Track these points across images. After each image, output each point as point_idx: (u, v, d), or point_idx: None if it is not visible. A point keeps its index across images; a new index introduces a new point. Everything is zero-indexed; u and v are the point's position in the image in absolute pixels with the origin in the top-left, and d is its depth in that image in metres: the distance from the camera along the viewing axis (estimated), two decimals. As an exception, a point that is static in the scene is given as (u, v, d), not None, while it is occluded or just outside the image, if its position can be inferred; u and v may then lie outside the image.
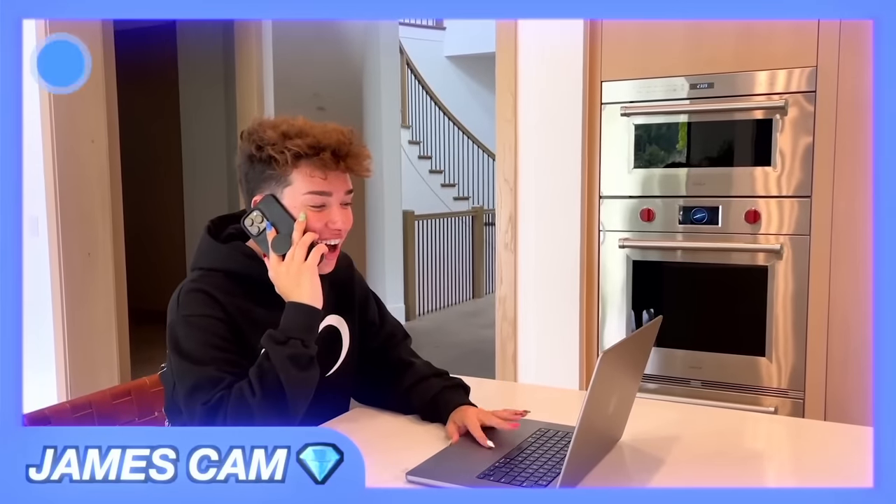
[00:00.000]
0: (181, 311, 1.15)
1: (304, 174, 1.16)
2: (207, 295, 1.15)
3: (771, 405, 2.14)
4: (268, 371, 1.09)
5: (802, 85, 2.05)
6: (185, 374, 1.12)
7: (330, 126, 1.19)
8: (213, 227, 1.28)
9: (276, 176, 1.18)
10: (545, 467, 1.07)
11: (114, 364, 3.68)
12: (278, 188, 1.18)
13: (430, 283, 6.81)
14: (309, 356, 1.13)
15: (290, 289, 1.15)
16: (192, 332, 1.13)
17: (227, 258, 1.21)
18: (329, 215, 1.19)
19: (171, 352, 1.15)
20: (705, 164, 2.19)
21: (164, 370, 1.26)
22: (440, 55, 9.28)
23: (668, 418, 1.34)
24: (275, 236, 1.18)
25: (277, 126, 1.18)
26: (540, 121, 2.35)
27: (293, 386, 1.09)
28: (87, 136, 3.50)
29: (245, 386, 1.08)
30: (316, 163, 1.16)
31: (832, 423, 1.35)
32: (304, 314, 1.14)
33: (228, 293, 1.17)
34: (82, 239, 3.49)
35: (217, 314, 1.14)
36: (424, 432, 1.26)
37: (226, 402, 1.07)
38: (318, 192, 1.17)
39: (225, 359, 1.12)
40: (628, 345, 1.07)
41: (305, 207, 1.17)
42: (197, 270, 1.22)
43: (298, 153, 1.15)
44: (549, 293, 2.37)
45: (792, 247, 2.10)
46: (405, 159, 6.80)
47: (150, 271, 5.84)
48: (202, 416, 1.07)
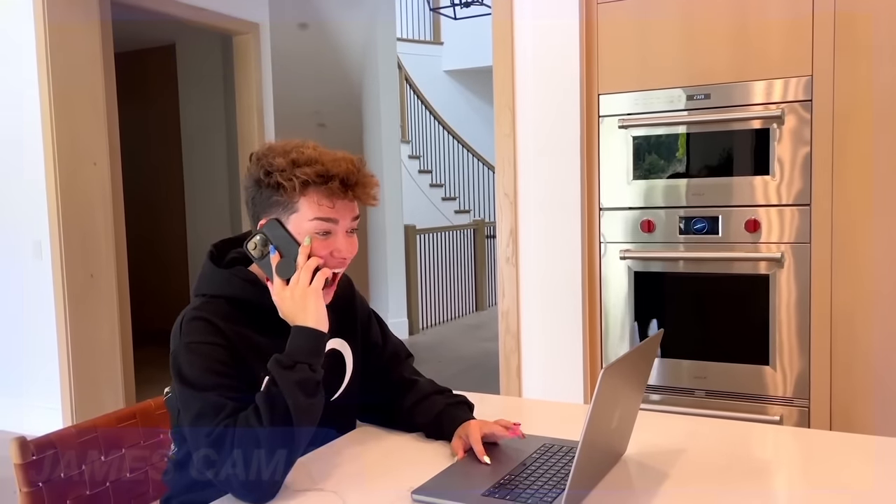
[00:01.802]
0: (184, 339, 1.15)
1: (311, 201, 1.16)
2: (208, 322, 1.15)
3: (776, 413, 2.14)
4: (276, 396, 1.08)
5: (799, 94, 2.06)
6: (188, 402, 1.11)
7: (339, 154, 1.19)
8: (216, 252, 1.27)
9: (283, 202, 1.17)
10: (549, 483, 1.07)
11: (118, 384, 3.69)
12: (284, 214, 1.18)
13: (433, 297, 6.81)
14: (316, 381, 1.12)
15: (295, 313, 1.15)
16: (194, 358, 1.13)
17: (227, 284, 1.21)
18: (334, 243, 1.19)
19: (175, 380, 1.14)
20: (704, 174, 2.20)
21: (169, 396, 1.26)
22: (438, 70, 9.33)
23: (673, 431, 1.34)
24: (279, 261, 1.17)
25: (287, 153, 1.18)
26: (538, 135, 2.36)
27: (300, 412, 1.08)
28: (89, 158, 3.52)
29: (251, 414, 1.07)
30: (324, 191, 1.16)
31: (839, 433, 1.35)
32: (311, 338, 1.14)
33: (229, 320, 1.17)
34: (85, 261, 3.50)
35: (218, 341, 1.14)
36: (429, 450, 1.26)
37: (232, 430, 1.07)
38: (324, 218, 1.17)
39: (228, 385, 1.11)
40: (629, 359, 1.07)
41: (311, 234, 1.17)
42: (199, 297, 1.21)
43: (307, 181, 1.15)
44: (552, 306, 2.37)
45: (793, 255, 2.10)
46: (406, 174, 6.82)
47: (153, 292, 5.85)
48: (208, 444, 1.06)
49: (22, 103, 3.43)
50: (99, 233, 3.58)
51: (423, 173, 7.96)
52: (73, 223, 3.44)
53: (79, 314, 3.47)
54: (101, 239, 3.59)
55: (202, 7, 4.34)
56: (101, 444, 1.35)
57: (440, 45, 9.41)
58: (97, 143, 3.57)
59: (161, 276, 6.01)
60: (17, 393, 3.64)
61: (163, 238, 6.05)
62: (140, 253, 5.30)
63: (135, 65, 5.80)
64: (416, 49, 8.94)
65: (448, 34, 9.25)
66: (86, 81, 3.51)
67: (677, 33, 2.19)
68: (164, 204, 6.03)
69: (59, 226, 3.39)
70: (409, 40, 8.88)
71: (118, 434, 1.39)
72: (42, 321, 3.48)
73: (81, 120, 3.49)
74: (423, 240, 6.69)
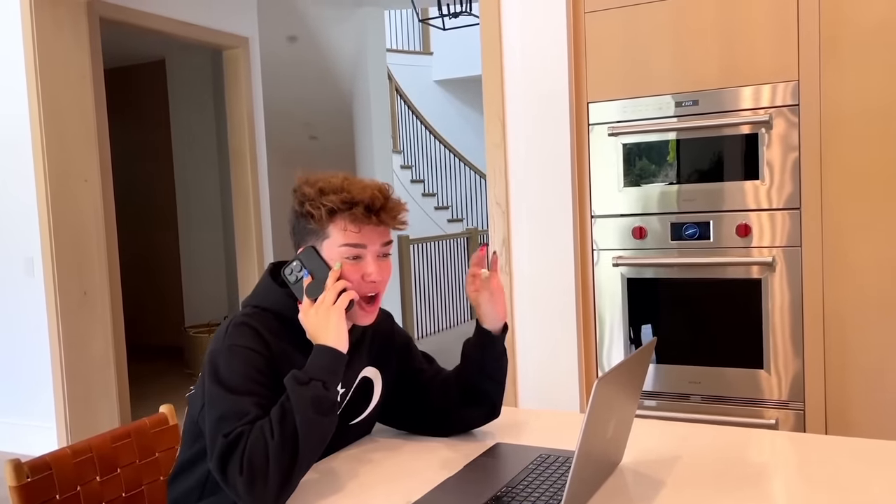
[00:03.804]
0: (227, 341, 1.19)
1: (339, 228, 1.23)
2: (255, 331, 1.20)
3: (772, 417, 2.14)
4: (287, 411, 1.10)
5: (787, 99, 2.08)
6: (216, 401, 1.13)
7: (367, 182, 1.26)
8: (273, 269, 1.32)
9: (315, 230, 1.24)
10: (546, 495, 1.07)
11: (113, 401, 3.67)
12: (318, 241, 1.25)
13: (427, 306, 6.81)
14: (330, 400, 1.14)
15: (317, 331, 1.19)
16: (234, 361, 1.16)
17: (279, 300, 1.26)
18: (365, 267, 1.24)
19: (208, 378, 1.17)
20: (694, 180, 2.21)
21: (192, 392, 1.29)
22: (428, 79, 9.36)
23: (668, 438, 1.34)
24: (310, 282, 1.23)
25: (315, 183, 1.25)
26: (529, 144, 2.37)
27: (308, 428, 1.09)
28: (81, 175, 3.51)
29: (266, 425, 1.10)
30: (349, 217, 1.22)
31: (834, 437, 1.35)
32: (328, 357, 1.16)
33: (275, 334, 1.22)
34: (78, 278, 3.49)
35: (261, 350, 1.18)
36: (427, 464, 1.27)
37: (246, 437, 1.09)
38: (352, 244, 1.23)
39: (259, 393, 1.14)
40: (623, 369, 1.07)
41: (342, 259, 1.23)
42: (250, 307, 1.26)
43: (333, 209, 1.21)
44: (546, 314, 2.38)
45: (784, 258, 2.11)
46: (398, 184, 6.84)
47: (146, 307, 5.83)
48: (222, 446, 1.09)
49: (12, 121, 3.43)
50: (92, 249, 3.57)
51: (415, 183, 7.98)
52: (65, 240, 3.43)
53: (72, 331, 3.46)
54: (94, 255, 3.58)
55: (192, 22, 4.34)
56: (96, 464, 1.35)
57: (430, 56, 9.44)
58: (88, 160, 3.56)
59: (154, 291, 6.00)
60: (12, 412, 3.62)
61: (155, 253, 6.04)
62: (133, 268, 5.29)
63: (125, 81, 5.80)
64: (406, 59, 8.97)
65: (437, 44, 9.29)
66: (76, 98, 3.50)
67: (665, 41, 2.20)
68: (156, 219, 6.02)
69: (51, 243, 3.38)
70: (399, 51, 8.91)
71: (113, 453, 1.39)
72: (35, 339, 3.47)
73: (72, 136, 3.49)
74: (417, 249, 6.69)
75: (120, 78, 5.65)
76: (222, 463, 1.08)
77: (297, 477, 1.09)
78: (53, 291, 3.39)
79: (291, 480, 1.08)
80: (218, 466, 1.09)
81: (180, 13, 4.27)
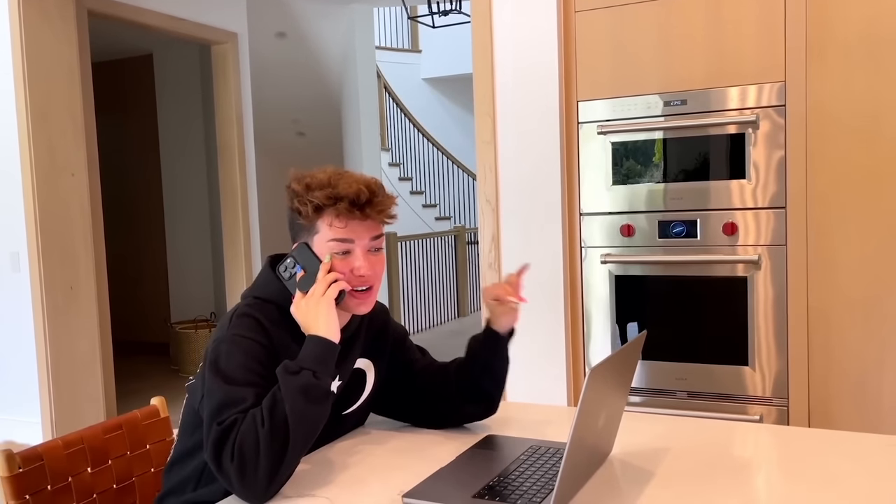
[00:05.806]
0: (230, 330, 1.20)
1: (326, 223, 1.25)
2: (257, 321, 1.21)
3: (756, 413, 2.17)
4: (278, 401, 1.11)
5: (773, 99, 2.11)
6: (215, 390, 1.15)
7: (354, 177, 1.27)
8: (272, 262, 1.34)
9: (305, 226, 1.27)
10: (538, 484, 1.09)
11: (99, 397, 3.65)
12: (309, 237, 1.27)
13: (415, 304, 6.81)
14: (321, 389, 1.15)
15: (308, 322, 1.21)
16: (235, 350, 1.18)
17: (279, 292, 1.27)
18: (353, 261, 1.25)
19: (208, 367, 1.18)
20: (682, 178, 2.24)
21: (192, 381, 1.30)
22: (417, 77, 9.36)
23: (657, 431, 1.36)
24: (302, 276, 1.25)
25: (303, 179, 1.26)
26: (519, 142, 2.39)
27: (298, 417, 1.10)
28: (67, 169, 3.49)
29: (257, 413, 1.11)
30: (334, 212, 1.23)
31: (817, 430, 1.38)
32: (319, 346, 1.18)
33: (276, 324, 1.23)
34: (64, 272, 3.47)
35: (262, 340, 1.20)
36: (420, 454, 1.28)
37: (239, 425, 1.10)
38: (339, 239, 1.24)
39: (257, 383, 1.15)
40: (615, 360, 1.09)
41: (331, 254, 1.25)
42: (251, 298, 1.28)
43: (318, 205, 1.23)
44: (535, 310, 2.39)
45: (770, 257, 2.14)
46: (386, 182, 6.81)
47: (132, 303, 5.80)
48: (216, 433, 1.10)
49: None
50: (78, 244, 3.55)
51: (403, 181, 7.98)
52: (51, 235, 3.41)
53: (58, 327, 3.44)
54: (80, 250, 3.56)
55: (180, 17, 4.32)
56: (87, 455, 1.35)
57: (418, 53, 9.44)
58: (75, 154, 3.54)
59: (140, 287, 5.96)
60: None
61: (142, 248, 6.00)
62: (119, 264, 5.26)
63: (112, 75, 5.76)
64: (395, 57, 8.96)
65: (426, 42, 9.29)
66: (63, 91, 3.48)
67: (654, 41, 2.23)
68: (143, 214, 5.99)
69: (38, 237, 3.35)
70: (388, 48, 8.90)
71: (104, 444, 1.39)
72: (21, 334, 3.44)
73: (59, 130, 3.46)
74: (405, 247, 6.70)
75: (107, 72, 5.61)
76: (216, 450, 1.09)
77: (289, 466, 1.10)
78: (39, 286, 3.37)
79: (282, 469, 1.09)
80: (212, 454, 1.09)
81: (168, 7, 4.25)
